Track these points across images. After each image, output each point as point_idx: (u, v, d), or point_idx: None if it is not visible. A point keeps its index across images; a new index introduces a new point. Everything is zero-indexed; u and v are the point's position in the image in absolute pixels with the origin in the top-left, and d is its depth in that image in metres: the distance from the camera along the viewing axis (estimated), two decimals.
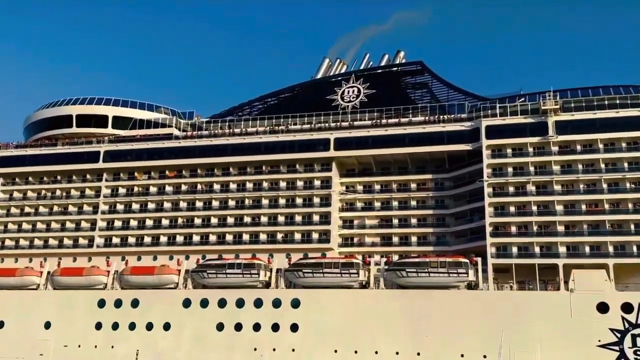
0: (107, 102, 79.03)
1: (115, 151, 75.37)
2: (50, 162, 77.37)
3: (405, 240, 67.16)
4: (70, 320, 67.73)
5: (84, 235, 74.08)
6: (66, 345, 67.18)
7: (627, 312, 54.56)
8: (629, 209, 58.64)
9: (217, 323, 63.71)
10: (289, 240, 68.38)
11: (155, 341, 64.74)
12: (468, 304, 58.40)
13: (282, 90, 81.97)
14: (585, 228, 59.20)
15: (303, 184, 70.41)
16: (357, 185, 70.72)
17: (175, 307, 65.53)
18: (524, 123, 63.20)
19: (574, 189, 60.70)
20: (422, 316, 58.50)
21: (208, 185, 72.97)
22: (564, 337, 54.89)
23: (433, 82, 75.88)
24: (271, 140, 71.36)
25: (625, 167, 60.01)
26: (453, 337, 57.23)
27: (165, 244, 71.30)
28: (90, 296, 68.43)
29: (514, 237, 60.60)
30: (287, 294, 63.34)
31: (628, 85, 64.13)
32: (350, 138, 69.21)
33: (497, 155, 63.70)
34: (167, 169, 74.22)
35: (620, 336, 54.14)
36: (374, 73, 78.71)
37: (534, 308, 56.48)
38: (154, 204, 73.66)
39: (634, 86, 63.96)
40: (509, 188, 62.57)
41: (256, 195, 70.85)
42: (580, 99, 62.40)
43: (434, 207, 67.41)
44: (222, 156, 72.24)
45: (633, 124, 59.92)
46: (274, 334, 61.98)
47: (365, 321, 59.79)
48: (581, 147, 61.64)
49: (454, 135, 65.97)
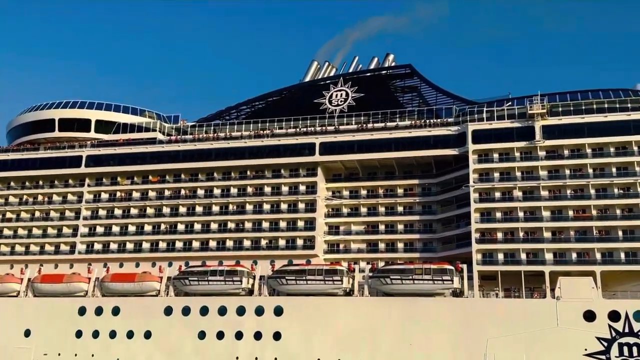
0: (90, 105, 77.91)
1: (97, 156, 74.19)
2: (32, 167, 76.11)
3: (392, 246, 66.06)
4: (51, 328, 66.38)
5: (65, 242, 72.85)
6: (46, 354, 65.83)
7: (614, 321, 53.50)
8: (617, 215, 57.68)
9: (199, 331, 62.46)
10: (273, 247, 67.26)
11: (136, 350, 63.51)
12: (453, 311, 57.28)
13: (270, 93, 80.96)
14: (573, 234, 58.14)
15: (288, 189, 69.27)
16: (343, 190, 69.68)
17: (156, 315, 64.24)
18: (511, 127, 62.20)
19: (561, 194, 59.70)
20: (407, 324, 57.40)
21: (191, 191, 71.85)
22: (550, 346, 53.89)
23: (422, 86, 74.87)
24: (256, 144, 70.28)
25: (613, 173, 58.95)
26: (437, 346, 56.15)
27: (148, 250, 70.10)
28: (70, 303, 67.14)
29: (500, 243, 59.52)
30: (270, 302, 62.16)
31: (618, 89, 63.18)
32: (335, 142, 68.13)
33: (483, 160, 62.65)
34: (150, 173, 73.02)
35: (607, 345, 53.07)
36: (363, 76, 77.49)
37: (520, 316, 55.37)
38: (136, 210, 72.49)
39: (623, 90, 63.06)
40: (495, 194, 61.50)
41: (240, 201, 69.71)
42: (568, 103, 61.46)
43: (420, 212, 66.34)
44: (206, 161, 71.10)
45: (621, 129, 58.96)
46: (257, 342, 60.78)
47: (349, 329, 58.67)
48: (569, 152, 60.62)
49: (440, 139, 64.96)
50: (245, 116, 79.48)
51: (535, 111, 60.67)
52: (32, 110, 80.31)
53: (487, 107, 65.17)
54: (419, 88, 75.00)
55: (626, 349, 52.80)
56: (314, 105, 75.55)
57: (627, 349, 52.76)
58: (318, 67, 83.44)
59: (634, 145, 58.78)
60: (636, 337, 52.78)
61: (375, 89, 75.17)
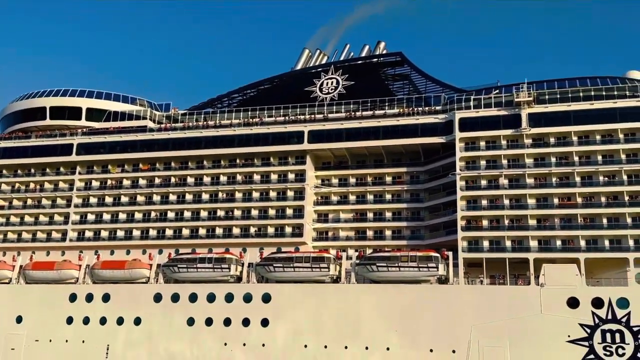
0: (80, 93, 78.14)
1: (88, 144, 74.52)
2: (23, 155, 76.53)
3: (380, 234, 66.40)
4: (42, 314, 67.15)
5: (57, 229, 73.33)
6: (37, 340, 66.73)
7: (598, 308, 53.93)
8: (602, 202, 57.87)
9: (188, 318, 63.15)
10: (262, 235, 67.62)
11: (126, 336, 64.19)
12: (438, 298, 57.78)
13: (261, 81, 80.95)
14: (557, 222, 58.36)
15: (277, 177, 69.55)
16: (332, 178, 69.89)
17: (146, 301, 64.93)
18: (497, 115, 62.26)
19: (547, 182, 59.84)
20: (392, 311, 57.93)
21: (181, 179, 72.13)
22: (533, 332, 54.36)
23: (412, 74, 74.83)
24: (245, 133, 70.48)
25: (599, 160, 59.09)
26: (422, 332, 56.68)
27: (139, 238, 70.53)
28: (61, 290, 67.82)
29: (485, 231, 59.84)
30: (258, 289, 62.73)
31: (605, 76, 63.16)
32: (324, 131, 68.30)
33: (470, 148, 62.79)
34: (141, 161, 73.37)
35: (590, 332, 53.51)
36: (354, 64, 77.53)
37: (504, 303, 55.86)
38: (127, 198, 72.89)
39: (611, 77, 63.04)
40: (482, 181, 61.75)
41: (230, 189, 70.04)
42: (555, 91, 61.45)
43: (408, 200, 66.56)
44: (195, 149, 71.37)
45: (607, 116, 58.93)
46: (245, 329, 61.43)
47: (336, 316, 59.24)
48: (555, 140, 60.71)
49: (427, 127, 65.06)
50: (237, 104, 79.51)
51: (521, 99, 60.69)
52: (23, 99, 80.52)
53: (475, 95, 65.23)
54: (409, 76, 74.97)
55: (609, 336, 53.23)
56: (305, 93, 75.58)
57: (610, 335, 53.19)
58: (309, 55, 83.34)
59: (619, 133, 58.85)
60: (619, 324, 53.17)
61: (365, 77, 75.18)
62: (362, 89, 73.23)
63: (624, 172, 57.86)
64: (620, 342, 52.79)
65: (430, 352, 56.25)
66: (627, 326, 52.90)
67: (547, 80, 64.04)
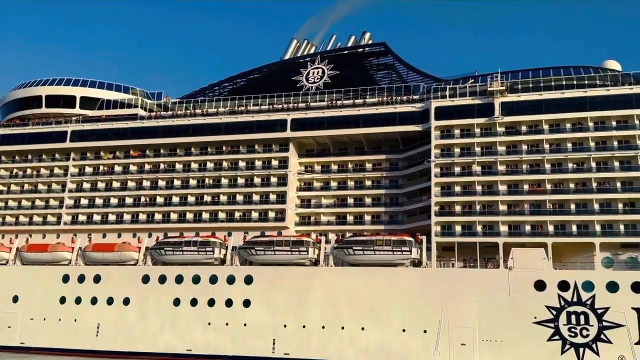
0: (75, 82, 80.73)
1: (81, 131, 77.18)
2: (20, 142, 79.31)
3: (360, 219, 68.48)
4: (37, 294, 70.19)
5: (52, 213, 76.23)
6: (32, 319, 69.78)
7: (564, 290, 55.74)
8: (571, 189, 59.52)
9: (174, 298, 65.82)
10: (246, 219, 69.98)
11: (116, 315, 67.08)
12: (411, 280, 59.87)
13: (250, 71, 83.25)
14: (527, 208, 60.14)
15: (262, 164, 71.79)
16: (315, 165, 72.10)
17: (134, 282, 67.69)
18: (472, 104, 63.94)
19: (518, 169, 61.57)
20: (367, 292, 60.11)
21: (170, 165, 74.59)
22: (501, 314, 56.32)
23: (395, 63, 76.76)
24: (231, 121, 72.75)
25: (568, 148, 60.68)
26: (396, 313, 58.85)
27: (129, 222, 73.17)
28: (55, 272, 70.81)
29: (458, 216, 61.70)
30: (241, 271, 65.19)
31: (580, 66, 64.56)
32: (306, 119, 70.37)
33: (445, 136, 64.59)
34: (132, 148, 75.94)
35: (556, 313, 55.39)
36: (339, 54, 79.57)
37: (474, 285, 57.81)
38: (118, 183, 75.61)
39: (587, 67, 64.40)
40: (456, 168, 63.52)
41: (216, 175, 72.40)
42: (527, 80, 63.01)
43: (388, 187, 68.60)
44: (184, 136, 73.72)
45: (578, 105, 60.44)
46: (227, 309, 63.92)
47: (313, 297, 61.57)
48: (527, 128, 62.31)
49: (405, 116, 66.91)
50: (227, 93, 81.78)
51: (494, 88, 62.33)
52: (21, 88, 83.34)
53: (452, 84, 66.91)
54: (393, 65, 76.96)
55: (574, 318, 55.08)
56: (292, 82, 77.75)
57: (575, 317, 55.05)
58: (298, 45, 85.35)
59: (589, 122, 60.35)
60: (584, 307, 55.00)
61: (350, 67, 77.15)
62: (347, 78, 75.23)
63: (592, 160, 59.45)
64: (584, 323, 54.60)
65: (402, 332, 58.47)
66: (592, 308, 54.71)
67: (522, 69, 65.59)
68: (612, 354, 53.24)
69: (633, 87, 59.73)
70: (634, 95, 59.39)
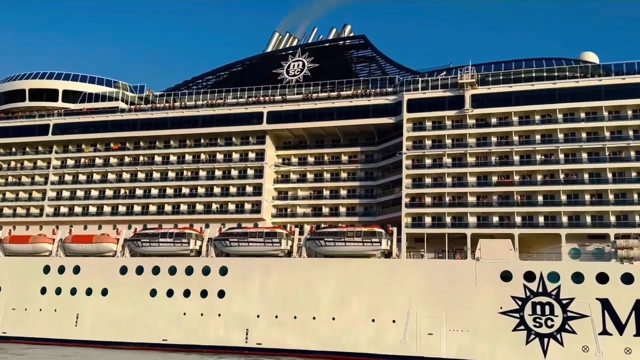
0: (57, 76, 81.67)
1: (63, 124, 78.19)
2: (4, 135, 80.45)
3: (335, 210, 69.18)
4: (18, 285, 71.43)
5: (35, 205, 77.39)
6: (14, 309, 71.09)
7: (529, 281, 56.18)
8: (538, 180, 59.89)
9: (151, 289, 66.83)
10: (223, 211, 70.80)
11: (94, 306, 68.19)
12: (380, 271, 60.48)
13: (233, 63, 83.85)
14: (495, 199, 60.60)
15: (239, 157, 72.51)
16: (292, 157, 72.77)
17: (112, 274, 68.73)
18: (443, 97, 64.31)
19: (487, 161, 61.96)
20: (337, 283, 60.80)
21: (150, 158, 75.51)
22: (467, 304, 56.83)
23: (374, 56, 77.13)
24: (208, 113, 73.48)
25: (537, 140, 60.99)
26: (365, 303, 59.51)
27: (109, 214, 74.26)
28: (36, 262, 72.01)
29: (427, 207, 62.23)
30: (216, 262, 66.05)
31: (551, 57, 64.73)
32: (282, 112, 71.01)
33: (417, 128, 65.03)
34: (112, 141, 76.88)
35: (522, 304, 55.87)
36: (319, 47, 79.96)
37: (442, 275, 58.35)
38: (99, 175, 76.59)
39: (558, 59, 64.54)
40: (427, 160, 63.99)
41: (194, 167, 73.19)
42: (498, 72, 63.29)
43: (363, 179, 69.25)
44: (162, 129, 74.56)
45: (547, 97, 60.70)
46: (203, 300, 64.84)
47: (285, 288, 62.35)
48: (497, 120, 62.65)
49: (378, 108, 67.42)
50: (211, 86, 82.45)
51: (464, 80, 62.67)
52: (6, 81, 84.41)
53: (427, 76, 67.27)
54: (372, 58, 77.33)
55: (539, 308, 55.54)
56: (273, 75, 78.32)
57: (540, 307, 55.50)
58: (280, 38, 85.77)
59: (558, 113, 60.61)
60: (549, 297, 55.44)
61: (331, 59, 77.67)
62: (327, 71, 75.81)
63: (559, 151, 59.76)
64: (549, 314, 55.03)
65: (372, 322, 59.16)
66: (557, 299, 55.15)
67: (495, 61, 65.84)
68: (576, 344, 53.67)
69: (602, 79, 59.90)
70: (602, 87, 59.57)
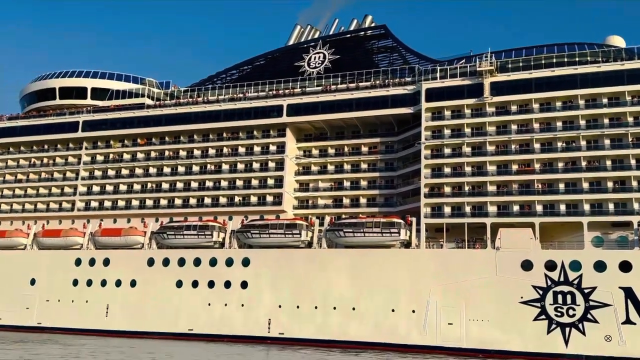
0: (86, 74, 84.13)
1: (92, 121, 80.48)
2: (37, 133, 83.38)
3: (356, 201, 69.49)
4: (52, 277, 74.10)
5: (67, 200, 79.97)
6: (48, 300, 73.80)
7: (550, 270, 55.41)
8: (559, 168, 58.87)
9: (177, 280, 68.46)
10: (246, 203, 71.90)
11: (123, 297, 70.27)
12: (400, 261, 60.50)
13: (256, 57, 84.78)
14: (516, 188, 59.82)
15: (260, 150, 73.43)
16: (312, 149, 73.29)
17: (140, 265, 70.65)
18: (462, 85, 63.67)
19: (507, 149, 61.18)
20: (357, 273, 61.13)
21: (175, 152, 77.12)
22: (488, 294, 56.41)
23: (395, 46, 76.84)
24: (229, 107, 74.53)
25: (559, 127, 59.88)
26: (385, 293, 59.70)
27: (137, 207, 76.25)
28: (68, 256, 74.52)
29: (447, 197, 61.89)
30: (239, 254, 67.16)
31: (573, 43, 63.28)
32: (301, 104, 71.51)
33: (436, 117, 64.61)
34: (139, 137, 78.75)
35: (543, 293, 55.18)
36: (340, 38, 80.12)
37: (461, 265, 58.02)
38: (127, 170, 78.64)
39: (579, 43, 63.11)
40: (446, 150, 63.59)
41: (217, 161, 74.49)
42: (517, 59, 62.27)
43: (382, 169, 69.30)
44: (186, 124, 76.06)
45: (568, 83, 59.44)
46: (226, 291, 66.10)
47: (307, 278, 62.99)
48: (516, 108, 61.73)
49: (397, 99, 67.25)
50: (235, 80, 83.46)
51: (483, 68, 61.88)
52: (37, 80, 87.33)
53: (447, 65, 66.73)
54: (394, 48, 77.05)
55: (560, 297, 54.75)
56: (294, 68, 78.99)
57: (561, 296, 54.71)
58: (302, 31, 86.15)
59: (580, 99, 59.36)
60: (570, 286, 54.61)
61: (352, 51, 77.83)
62: (348, 62, 76.05)
63: (582, 138, 58.60)
64: (571, 303, 54.23)
65: (392, 312, 59.35)
66: (579, 288, 54.27)
67: (515, 48, 64.79)
68: (599, 333, 52.77)
69: (625, 63, 58.34)
70: (625, 72, 58.02)
